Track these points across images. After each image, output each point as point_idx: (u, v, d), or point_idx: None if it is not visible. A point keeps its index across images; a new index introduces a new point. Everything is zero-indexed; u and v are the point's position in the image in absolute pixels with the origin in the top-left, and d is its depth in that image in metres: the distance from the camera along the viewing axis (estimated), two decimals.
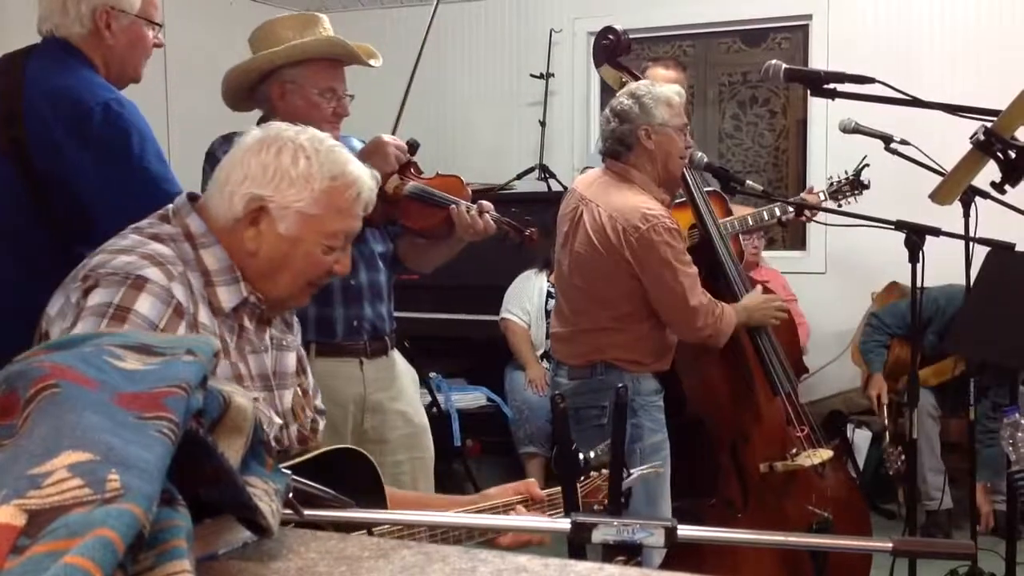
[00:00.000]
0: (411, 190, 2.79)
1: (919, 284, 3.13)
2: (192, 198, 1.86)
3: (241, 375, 1.80)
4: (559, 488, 1.99)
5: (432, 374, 5.44)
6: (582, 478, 2.01)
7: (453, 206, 2.75)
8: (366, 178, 1.85)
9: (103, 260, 1.69)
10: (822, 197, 4.14)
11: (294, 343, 1.99)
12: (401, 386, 2.90)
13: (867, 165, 4.02)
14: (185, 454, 0.81)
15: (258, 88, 2.76)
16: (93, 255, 1.73)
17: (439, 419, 5.21)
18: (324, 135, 1.86)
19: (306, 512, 1.07)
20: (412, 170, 2.83)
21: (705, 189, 3.54)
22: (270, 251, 1.79)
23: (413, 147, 2.83)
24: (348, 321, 2.76)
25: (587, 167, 3.95)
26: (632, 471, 2.06)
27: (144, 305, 1.63)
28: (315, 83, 2.71)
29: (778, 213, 3.90)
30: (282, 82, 2.72)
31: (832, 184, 4.19)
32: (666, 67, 4.33)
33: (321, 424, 2.06)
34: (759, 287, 3.42)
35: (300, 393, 1.98)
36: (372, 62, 2.84)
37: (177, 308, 1.67)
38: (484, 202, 2.79)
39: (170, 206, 1.85)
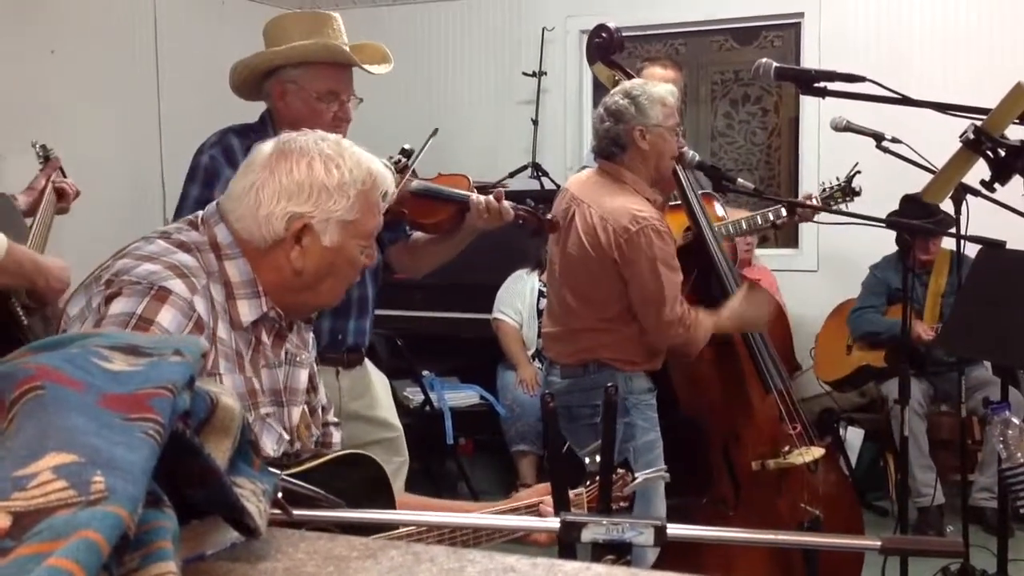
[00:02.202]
0: (417, 188, 2.79)
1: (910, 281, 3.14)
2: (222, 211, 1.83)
3: (254, 390, 1.78)
4: (580, 490, 2.00)
5: (425, 372, 5.44)
6: (587, 483, 2.01)
7: (471, 196, 2.75)
8: (385, 171, 1.86)
9: (127, 266, 1.67)
10: (815, 202, 4.15)
11: (307, 360, 1.97)
12: (374, 393, 2.91)
13: (859, 172, 4.03)
14: (172, 455, 0.81)
15: (263, 83, 2.75)
16: (118, 258, 1.72)
17: (432, 417, 5.21)
18: (336, 136, 1.84)
19: (295, 512, 1.07)
20: (410, 174, 2.81)
21: (699, 192, 3.54)
22: (316, 264, 1.78)
23: (408, 153, 2.81)
24: (333, 334, 2.76)
25: (584, 167, 3.95)
26: (637, 475, 2.06)
27: (166, 317, 1.62)
28: (315, 86, 2.68)
29: (772, 217, 3.91)
30: (283, 81, 2.70)
31: (824, 190, 4.20)
32: (664, 67, 4.33)
33: (336, 437, 2.04)
34: (742, 289, 3.36)
35: (307, 411, 1.96)
36: (376, 69, 2.79)
37: (198, 322, 1.66)
38: (499, 189, 2.79)
39: (200, 212, 1.83)
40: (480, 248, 3.01)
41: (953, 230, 3.18)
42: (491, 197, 2.75)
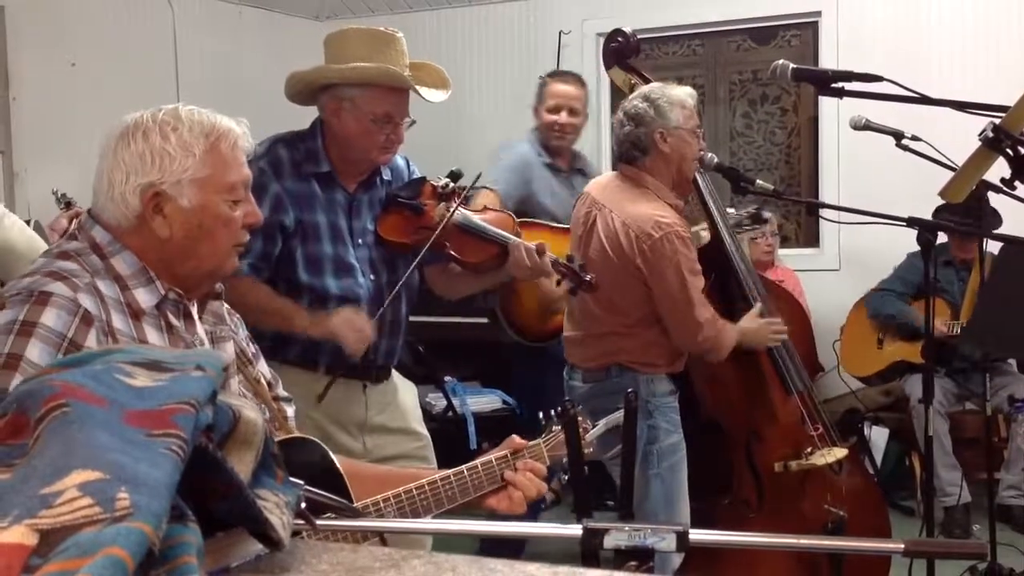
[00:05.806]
0: (461, 221, 2.77)
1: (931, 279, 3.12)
2: (94, 213, 1.88)
3: None
4: (538, 440, 2.04)
5: (447, 378, 5.44)
6: (544, 435, 2.07)
7: (512, 242, 2.72)
8: (235, 125, 1.87)
9: (11, 285, 1.73)
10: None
11: (229, 332, 1.99)
12: (399, 404, 2.92)
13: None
14: (196, 469, 0.82)
15: (319, 95, 2.74)
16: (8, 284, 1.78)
17: (455, 423, 5.22)
18: (176, 104, 1.86)
19: (318, 523, 1.08)
20: (457, 201, 2.79)
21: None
22: (183, 228, 1.81)
23: (456, 176, 2.78)
24: (364, 353, 2.73)
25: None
26: (597, 424, 2.10)
27: (50, 317, 1.66)
28: (371, 108, 2.65)
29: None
30: (339, 99, 2.68)
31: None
32: (565, 82, 4.38)
33: (290, 411, 2.06)
34: (757, 307, 3.36)
35: (264, 383, 2.00)
36: (433, 96, 2.76)
37: (85, 316, 1.69)
38: (542, 243, 2.75)
39: (75, 222, 1.89)
40: None
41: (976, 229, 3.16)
42: (533, 248, 2.71)
